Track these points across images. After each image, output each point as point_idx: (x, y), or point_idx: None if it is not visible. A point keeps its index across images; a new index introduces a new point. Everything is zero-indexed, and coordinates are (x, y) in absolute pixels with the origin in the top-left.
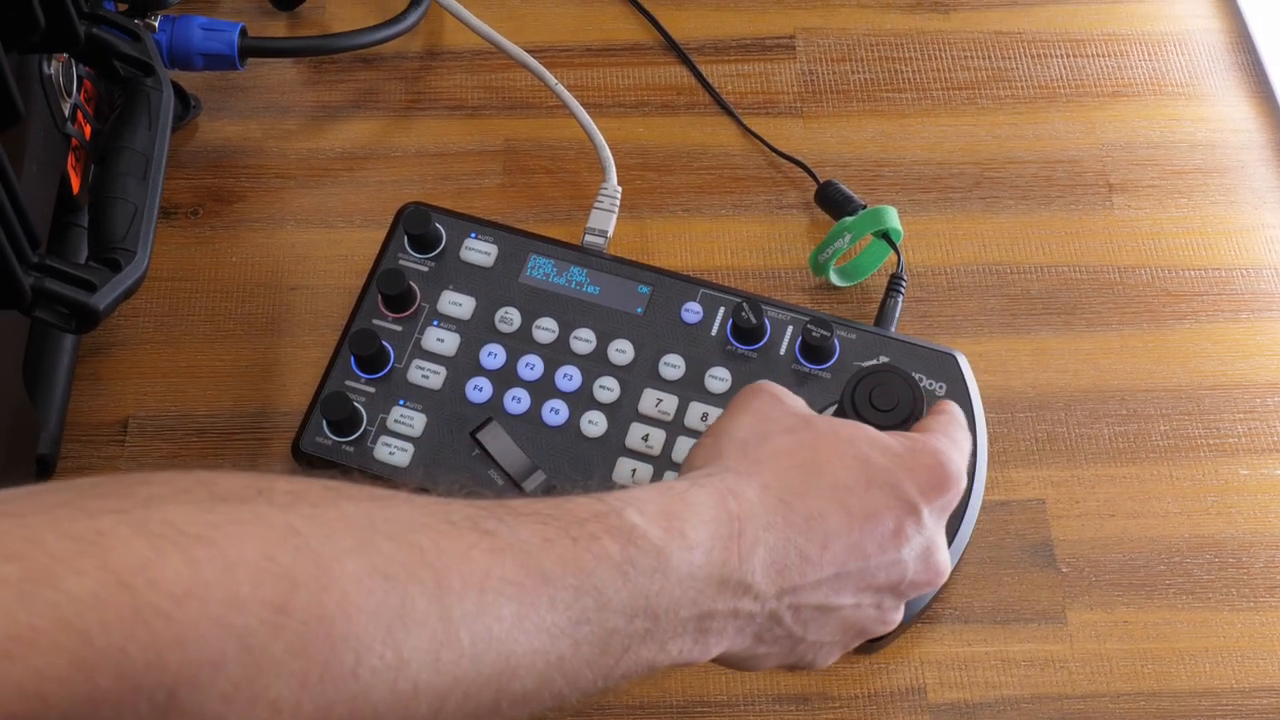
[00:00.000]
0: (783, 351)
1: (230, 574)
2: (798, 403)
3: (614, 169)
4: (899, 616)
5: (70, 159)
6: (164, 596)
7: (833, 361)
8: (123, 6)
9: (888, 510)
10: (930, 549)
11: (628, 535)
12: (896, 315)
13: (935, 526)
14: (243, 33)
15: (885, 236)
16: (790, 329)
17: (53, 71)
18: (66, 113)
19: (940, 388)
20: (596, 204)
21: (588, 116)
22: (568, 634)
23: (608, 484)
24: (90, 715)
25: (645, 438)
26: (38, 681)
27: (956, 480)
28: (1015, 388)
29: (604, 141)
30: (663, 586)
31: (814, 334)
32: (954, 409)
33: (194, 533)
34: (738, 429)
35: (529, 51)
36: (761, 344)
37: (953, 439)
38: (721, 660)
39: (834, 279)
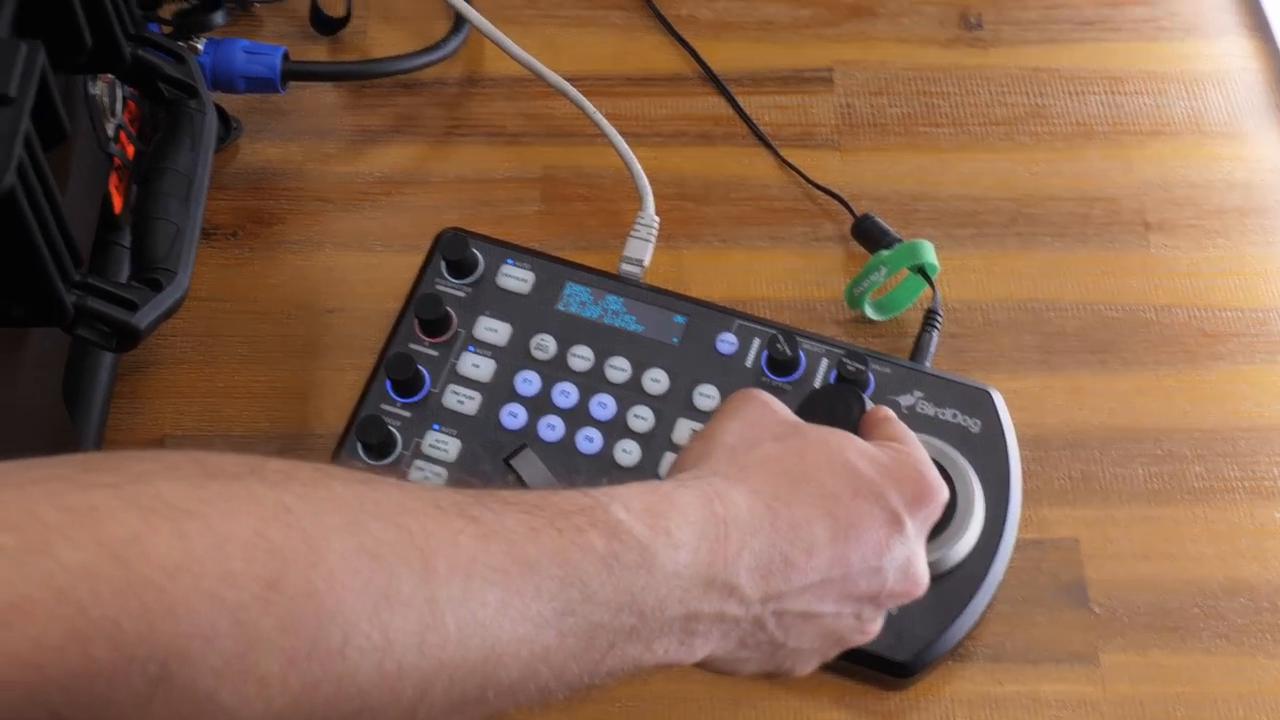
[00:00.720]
0: (817, 384)
1: (221, 549)
2: (786, 411)
3: (651, 198)
4: (877, 627)
5: (113, 178)
6: (155, 569)
7: (867, 395)
8: (168, 29)
9: (873, 520)
10: (910, 560)
11: (613, 530)
12: (932, 350)
13: (917, 538)
14: (285, 56)
15: (921, 271)
16: (825, 362)
17: (98, 91)
18: (110, 132)
19: (975, 424)
20: (633, 233)
21: (626, 146)
22: (553, 624)
23: (595, 480)
24: (86, 687)
25: (672, 463)
26: (34, 650)
27: (939, 493)
28: (1050, 425)
29: (642, 171)
30: (648, 583)
31: (849, 367)
32: (894, 415)
33: (185, 507)
34: (726, 434)
35: (569, 80)
36: (796, 376)
37: (921, 448)
38: (704, 664)
39: (869, 312)
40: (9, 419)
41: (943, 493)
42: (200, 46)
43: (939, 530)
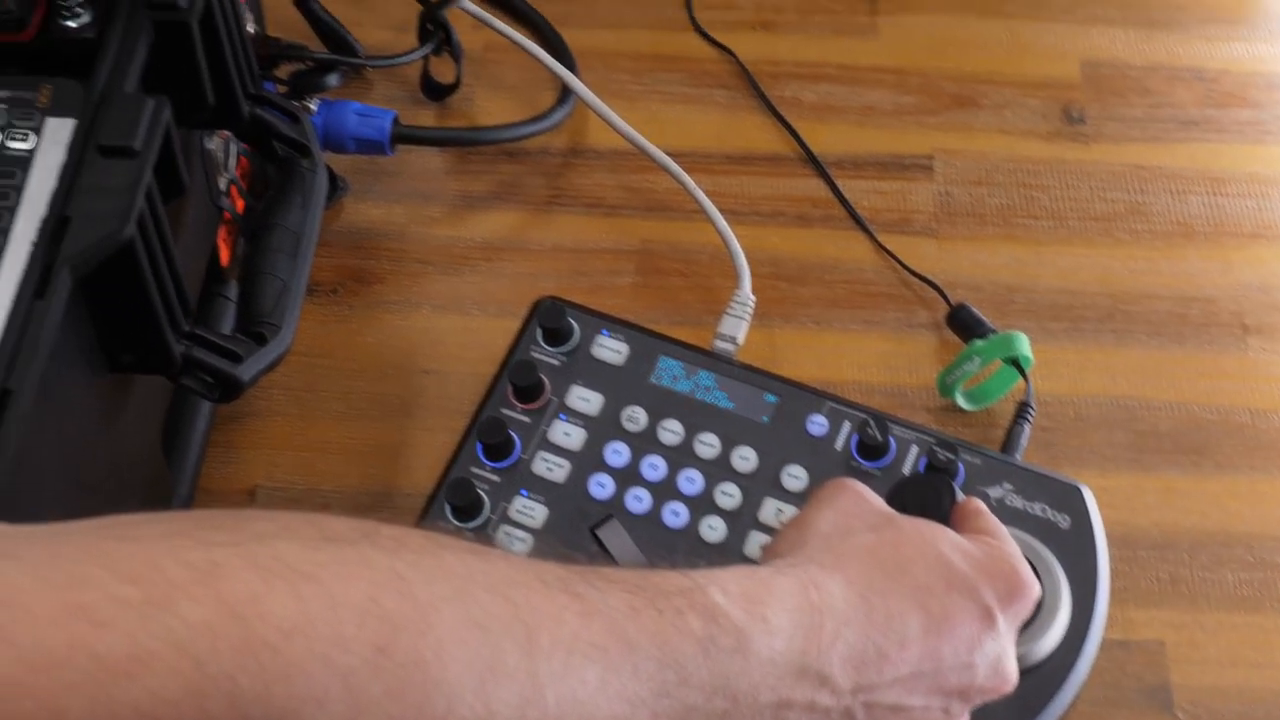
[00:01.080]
0: (906, 471)
1: (335, 612)
2: (880, 501)
3: (749, 277)
4: None
5: (222, 231)
6: (272, 630)
7: (957, 485)
8: (283, 88)
9: (966, 614)
10: (1001, 657)
11: (710, 613)
12: (1023, 443)
13: (1008, 634)
14: (395, 120)
15: (1015, 363)
16: (915, 449)
17: (213, 146)
18: (222, 186)
19: (1064, 520)
20: (729, 310)
21: (725, 223)
22: (648, 705)
23: (679, 556)
24: None
25: (764, 548)
26: (153, 703)
27: (1031, 589)
28: (1139, 525)
29: (740, 249)
30: (743, 668)
31: (939, 456)
32: (985, 508)
33: (302, 570)
34: (821, 522)
35: (670, 155)
36: (886, 462)
37: (1013, 543)
38: None
39: (960, 402)
40: (110, 463)
41: (1035, 589)
42: (314, 107)
43: (1024, 625)
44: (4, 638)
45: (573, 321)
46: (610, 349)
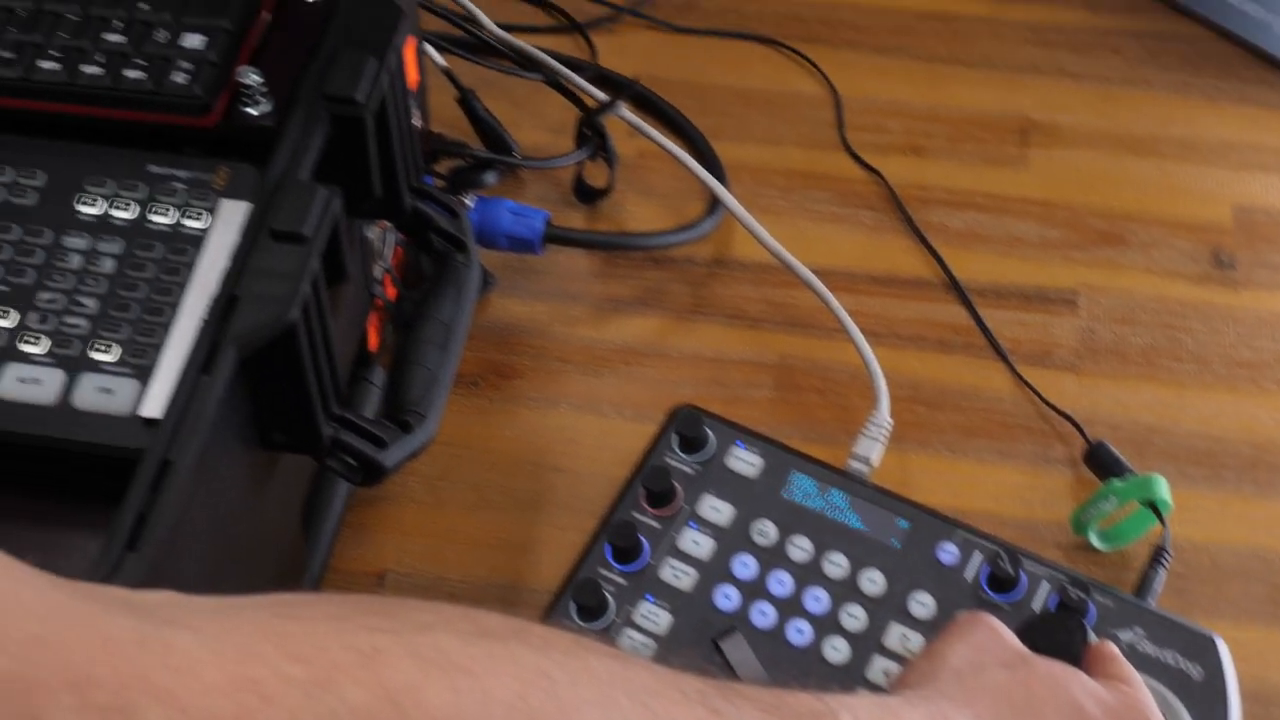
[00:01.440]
0: (1036, 607)
1: (487, 708)
2: (1013, 638)
3: (887, 399)
4: None
5: (372, 317)
6: None
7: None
8: (441, 183)
9: None
10: None
11: None
12: (1157, 588)
13: None
14: (548, 221)
15: (1152, 506)
16: (1045, 585)
17: (372, 235)
18: (376, 274)
19: (1197, 670)
20: (865, 431)
21: (865, 343)
22: None
23: (821, 681)
24: None
25: (886, 673)
26: None
27: None
28: (1274, 681)
29: (880, 371)
30: None
31: (1071, 595)
32: (1120, 654)
33: (458, 663)
34: (954, 656)
35: (814, 272)
36: (1016, 597)
37: (1148, 693)
38: None
39: (1094, 541)
40: (254, 537)
41: None
42: (470, 203)
43: None
44: (177, 704)
45: (709, 431)
46: (744, 461)
